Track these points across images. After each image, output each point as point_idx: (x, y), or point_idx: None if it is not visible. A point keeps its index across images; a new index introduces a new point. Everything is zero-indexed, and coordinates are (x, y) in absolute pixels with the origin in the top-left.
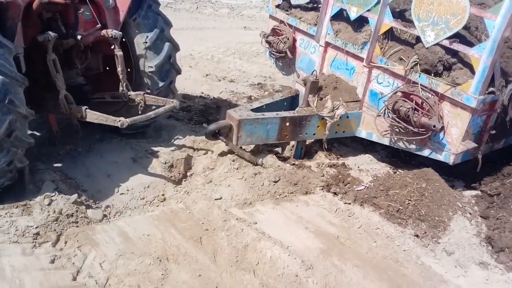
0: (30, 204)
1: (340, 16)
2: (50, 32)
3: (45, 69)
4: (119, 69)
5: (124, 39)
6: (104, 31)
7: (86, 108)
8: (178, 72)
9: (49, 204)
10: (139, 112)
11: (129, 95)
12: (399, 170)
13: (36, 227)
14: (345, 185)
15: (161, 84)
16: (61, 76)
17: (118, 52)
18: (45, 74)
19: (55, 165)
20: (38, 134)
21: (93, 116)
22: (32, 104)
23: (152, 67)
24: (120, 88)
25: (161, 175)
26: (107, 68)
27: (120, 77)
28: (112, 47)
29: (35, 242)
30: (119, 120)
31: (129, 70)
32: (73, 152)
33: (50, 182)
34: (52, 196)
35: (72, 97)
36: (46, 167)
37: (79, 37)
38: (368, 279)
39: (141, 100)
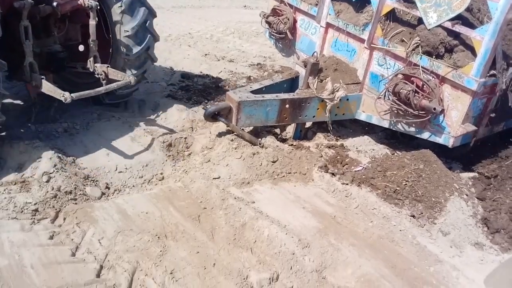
0: (29, 181)
1: None
2: None
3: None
4: (90, 39)
5: (101, 6)
6: (81, 0)
7: (42, 78)
8: (156, 39)
9: (47, 181)
10: (103, 84)
11: (95, 67)
12: (397, 152)
13: (35, 204)
14: (343, 166)
15: (138, 48)
16: (30, 44)
17: (91, 22)
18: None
19: (53, 142)
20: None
21: (46, 86)
22: (9, 71)
23: (128, 31)
24: (89, 59)
25: (159, 154)
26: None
27: (90, 47)
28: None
29: (34, 218)
30: (63, 95)
31: (108, 37)
32: (71, 130)
33: (49, 160)
34: (50, 173)
35: (37, 66)
36: (44, 144)
37: (54, 4)
38: (364, 257)
39: (103, 72)
